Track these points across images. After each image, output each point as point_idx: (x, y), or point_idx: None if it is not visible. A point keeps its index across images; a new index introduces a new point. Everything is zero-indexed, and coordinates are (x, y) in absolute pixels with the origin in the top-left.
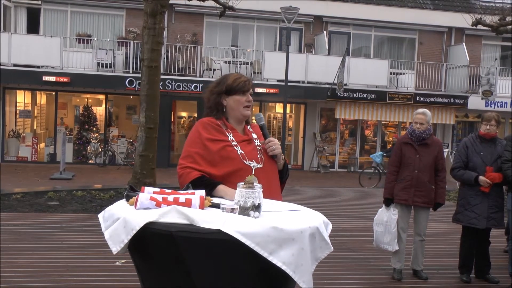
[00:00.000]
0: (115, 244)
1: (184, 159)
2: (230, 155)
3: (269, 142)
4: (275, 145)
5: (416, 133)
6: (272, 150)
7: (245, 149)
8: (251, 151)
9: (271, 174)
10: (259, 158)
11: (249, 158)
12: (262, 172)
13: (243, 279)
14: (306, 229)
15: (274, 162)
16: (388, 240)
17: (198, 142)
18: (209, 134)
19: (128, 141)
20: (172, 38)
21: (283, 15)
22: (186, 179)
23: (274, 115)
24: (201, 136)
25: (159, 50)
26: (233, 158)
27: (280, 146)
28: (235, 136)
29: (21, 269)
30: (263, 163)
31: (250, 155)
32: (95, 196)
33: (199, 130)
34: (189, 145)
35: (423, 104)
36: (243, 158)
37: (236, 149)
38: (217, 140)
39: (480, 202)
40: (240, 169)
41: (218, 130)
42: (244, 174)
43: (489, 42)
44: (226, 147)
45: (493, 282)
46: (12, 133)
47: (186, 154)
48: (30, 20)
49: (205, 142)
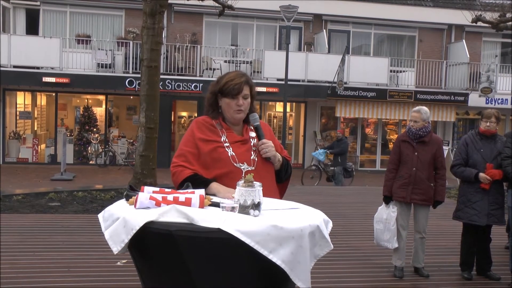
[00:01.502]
0: (115, 244)
1: (177, 157)
2: (220, 156)
3: (262, 145)
4: (268, 147)
5: (413, 131)
6: (264, 152)
7: (237, 150)
8: (244, 153)
9: (265, 176)
10: (252, 160)
11: (240, 160)
12: (255, 174)
13: (243, 278)
14: (306, 227)
15: (269, 163)
16: (388, 237)
17: (192, 141)
18: (202, 134)
19: (129, 141)
20: (172, 38)
21: (283, 14)
22: (179, 177)
23: (274, 114)
24: (195, 135)
25: (158, 50)
26: (223, 159)
27: (274, 147)
28: (229, 137)
29: (22, 270)
30: (256, 164)
31: (241, 157)
32: (96, 197)
33: (193, 129)
34: (183, 144)
35: (424, 101)
36: (233, 160)
37: (228, 151)
38: (209, 140)
39: (481, 199)
40: (230, 171)
41: (212, 130)
42: (234, 176)
43: (489, 39)
44: (218, 148)
45: (494, 279)
46: (13, 135)
47: (180, 152)
48: (29, 21)
49: (197, 142)
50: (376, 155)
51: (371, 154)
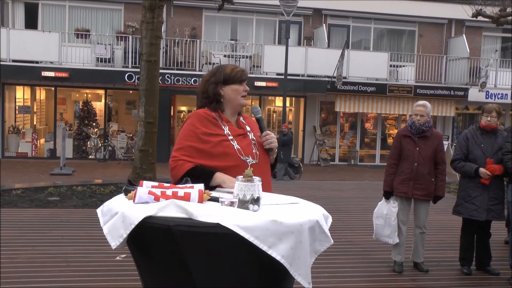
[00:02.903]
0: (114, 238)
1: (177, 151)
2: (227, 150)
3: (266, 135)
4: (272, 139)
5: (416, 125)
6: (269, 143)
7: (241, 143)
8: (247, 146)
9: (265, 169)
10: (255, 154)
11: (246, 154)
12: (257, 168)
13: (242, 273)
14: (305, 222)
15: (267, 156)
16: (389, 233)
17: (193, 135)
18: (205, 127)
19: (128, 136)
20: (171, 32)
21: (282, 8)
22: (180, 170)
23: (273, 108)
24: (197, 129)
25: (158, 44)
26: (230, 153)
27: (277, 140)
28: (230, 130)
29: (22, 265)
30: (258, 158)
31: (246, 150)
32: (95, 191)
33: (195, 123)
34: (183, 137)
35: (423, 96)
36: (239, 154)
37: (233, 144)
38: (214, 134)
39: (480, 194)
40: (237, 165)
41: (215, 124)
42: (240, 170)
43: (489, 33)
44: (223, 141)
45: (493, 274)
46: (12, 129)
47: (179, 146)
48: (28, 15)
49: (202, 136)
50: (376, 150)
51: (371, 149)
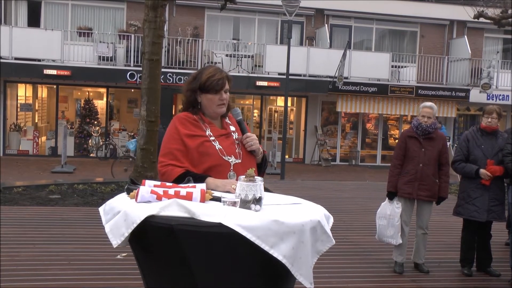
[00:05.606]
0: (115, 237)
1: (164, 156)
2: (208, 150)
3: (246, 138)
4: (253, 140)
5: (423, 127)
6: (250, 146)
7: (223, 143)
8: (229, 146)
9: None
10: (237, 153)
11: (228, 153)
12: (241, 167)
13: (244, 273)
14: (307, 222)
15: (252, 156)
16: (392, 233)
17: (177, 138)
18: (187, 129)
19: (129, 134)
20: (173, 31)
21: (284, 8)
22: (170, 176)
23: (275, 108)
24: (179, 132)
25: (160, 43)
26: (211, 153)
27: (258, 141)
28: (212, 131)
29: (23, 263)
30: (242, 157)
31: (228, 150)
32: (96, 190)
33: (177, 126)
34: (168, 141)
35: (425, 97)
36: (221, 154)
37: (214, 144)
38: (195, 135)
39: (481, 195)
40: (219, 164)
41: (196, 125)
42: (222, 170)
43: (491, 35)
44: (204, 142)
45: (494, 275)
46: (13, 127)
47: (166, 151)
48: (31, 13)
49: (184, 138)
50: (377, 150)
51: (372, 149)
